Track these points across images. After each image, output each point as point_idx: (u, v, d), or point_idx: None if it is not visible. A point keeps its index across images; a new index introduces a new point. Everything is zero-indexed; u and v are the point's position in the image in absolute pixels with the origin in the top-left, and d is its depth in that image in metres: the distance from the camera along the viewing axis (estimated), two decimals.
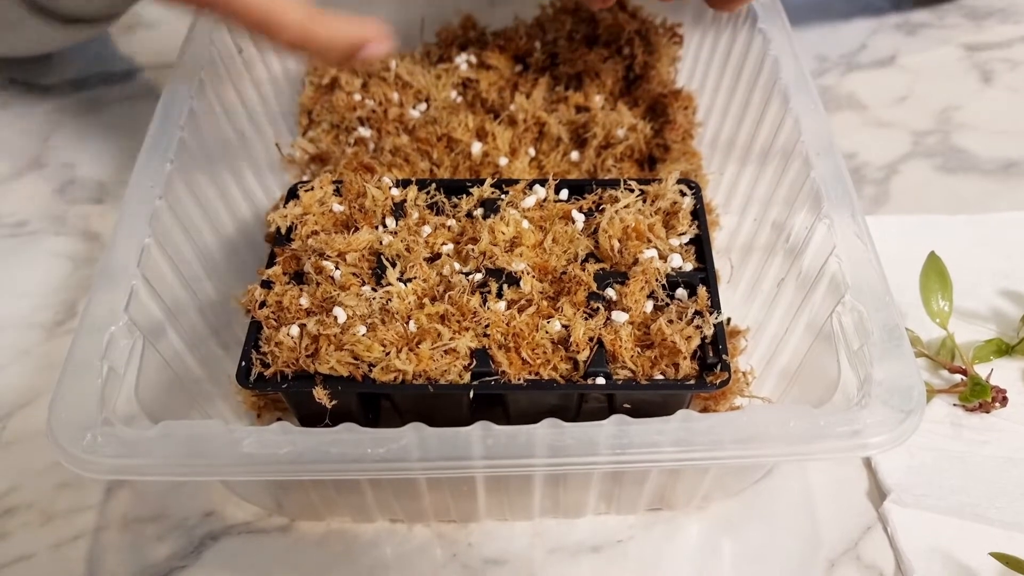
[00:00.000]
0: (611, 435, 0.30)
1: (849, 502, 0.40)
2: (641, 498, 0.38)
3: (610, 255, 0.38)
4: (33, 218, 0.55)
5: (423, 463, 0.30)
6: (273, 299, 0.36)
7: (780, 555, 0.39)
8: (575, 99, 0.50)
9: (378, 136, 0.50)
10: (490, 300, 0.36)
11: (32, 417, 0.45)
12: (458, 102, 0.51)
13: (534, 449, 0.30)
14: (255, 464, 0.30)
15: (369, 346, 0.34)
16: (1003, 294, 0.48)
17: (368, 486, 0.35)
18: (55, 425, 0.31)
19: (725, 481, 0.39)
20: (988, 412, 0.43)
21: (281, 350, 0.34)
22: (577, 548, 0.39)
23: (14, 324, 0.49)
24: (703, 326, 0.35)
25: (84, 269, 0.51)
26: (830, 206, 0.38)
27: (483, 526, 0.40)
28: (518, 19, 0.55)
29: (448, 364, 0.34)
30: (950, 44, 0.65)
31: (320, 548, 0.39)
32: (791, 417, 0.30)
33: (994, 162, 0.56)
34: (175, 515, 0.41)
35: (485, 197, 0.40)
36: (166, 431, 0.31)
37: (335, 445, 0.30)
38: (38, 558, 0.40)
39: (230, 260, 0.45)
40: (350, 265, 0.37)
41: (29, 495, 0.42)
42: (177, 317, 0.39)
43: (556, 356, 0.35)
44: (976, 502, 0.39)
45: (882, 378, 0.31)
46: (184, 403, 0.39)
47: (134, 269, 0.36)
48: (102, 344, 0.33)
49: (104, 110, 0.62)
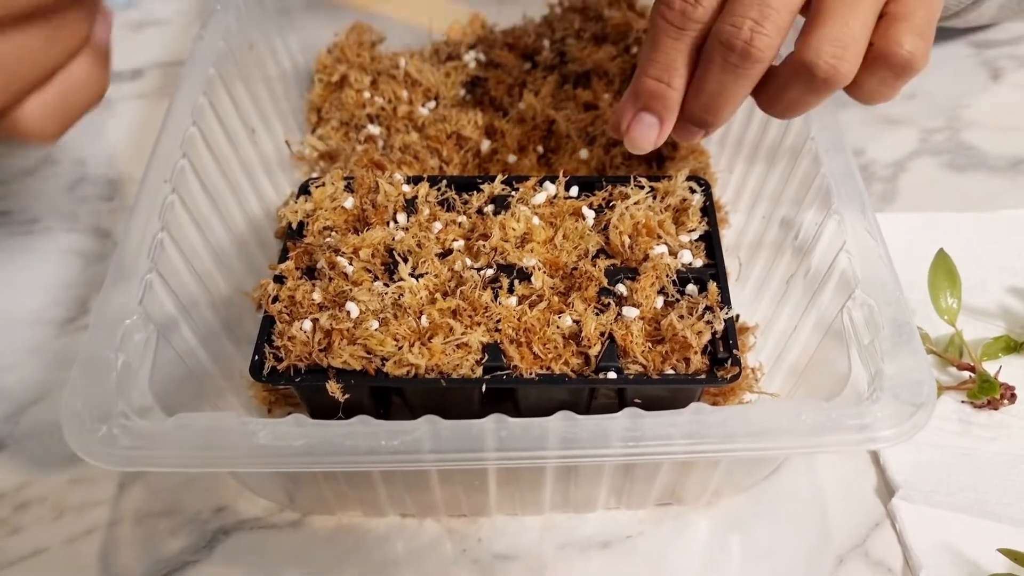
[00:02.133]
0: (624, 427, 0.30)
1: (857, 498, 0.40)
2: (651, 493, 0.38)
3: (621, 251, 0.38)
4: (44, 215, 0.55)
5: (437, 455, 0.30)
6: (286, 294, 0.36)
7: (789, 551, 0.39)
8: (583, 97, 0.50)
9: (387, 134, 0.50)
10: (501, 295, 0.36)
11: (44, 413, 0.45)
12: (467, 100, 0.52)
13: (547, 441, 0.30)
14: (270, 456, 0.30)
15: (382, 340, 0.34)
16: (1012, 291, 0.48)
17: (380, 479, 0.36)
18: (70, 417, 0.31)
19: (735, 476, 0.39)
20: (996, 409, 0.43)
21: (294, 344, 0.34)
22: (587, 543, 0.39)
23: (26, 320, 0.49)
24: (714, 321, 0.35)
25: (95, 266, 0.52)
26: (840, 202, 0.38)
27: (493, 521, 0.40)
28: (526, 17, 0.56)
29: (460, 358, 0.34)
30: (959, 41, 0.65)
31: (331, 543, 0.40)
32: (803, 410, 0.30)
33: (1003, 159, 0.56)
34: (187, 510, 0.41)
35: (496, 194, 0.40)
36: (181, 423, 0.31)
37: (349, 437, 0.30)
38: (51, 552, 0.40)
39: (240, 255, 0.45)
40: (363, 260, 0.37)
41: (42, 490, 0.42)
42: (189, 311, 0.39)
43: (567, 351, 0.35)
44: (984, 498, 0.39)
45: (892, 373, 0.32)
46: (196, 397, 0.39)
47: (147, 263, 0.36)
48: (117, 337, 0.33)
49: (114, 107, 0.62)
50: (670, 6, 0.35)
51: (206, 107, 0.44)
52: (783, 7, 0.33)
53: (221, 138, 0.46)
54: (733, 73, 0.34)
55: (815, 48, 0.33)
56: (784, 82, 0.35)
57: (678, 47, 0.35)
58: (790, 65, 0.34)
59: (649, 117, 0.37)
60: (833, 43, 0.33)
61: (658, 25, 0.35)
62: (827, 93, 0.35)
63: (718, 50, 0.34)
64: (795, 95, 0.35)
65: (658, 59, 0.36)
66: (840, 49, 0.33)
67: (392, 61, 0.53)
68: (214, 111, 0.45)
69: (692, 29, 0.35)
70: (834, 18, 0.33)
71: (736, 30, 0.33)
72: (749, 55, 0.33)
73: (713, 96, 0.35)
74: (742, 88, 0.35)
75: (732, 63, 0.34)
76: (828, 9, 0.33)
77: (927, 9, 0.34)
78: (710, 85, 0.35)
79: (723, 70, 0.34)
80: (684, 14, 0.34)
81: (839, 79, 0.33)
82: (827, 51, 0.33)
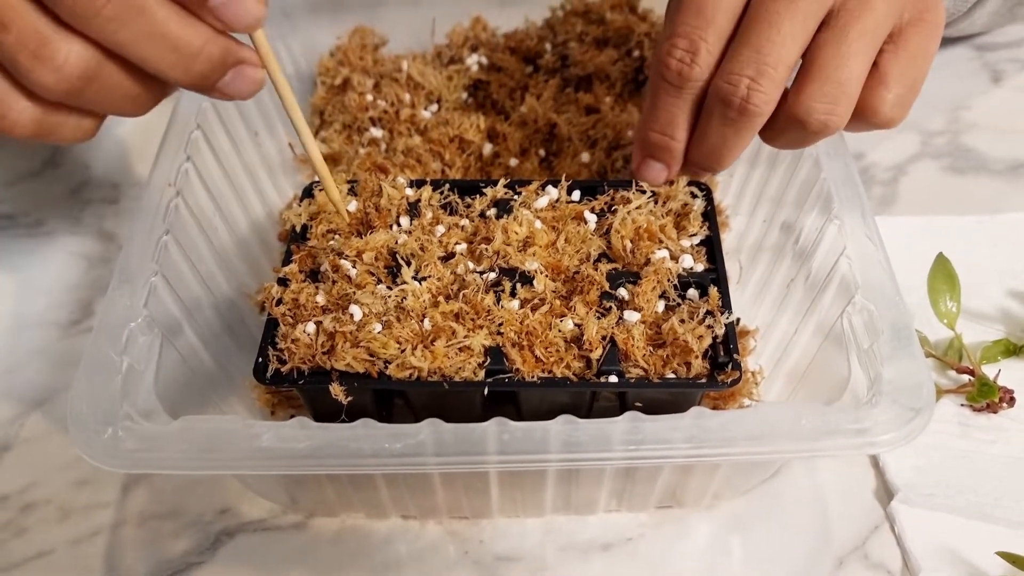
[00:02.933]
0: (625, 431, 0.30)
1: (857, 501, 0.41)
2: (652, 495, 0.38)
3: (622, 255, 0.38)
4: (49, 218, 0.55)
5: (439, 458, 0.30)
6: (289, 296, 0.37)
7: (788, 554, 0.39)
8: (585, 100, 0.50)
9: (390, 137, 0.50)
10: (504, 299, 0.36)
11: (49, 415, 0.45)
12: (469, 103, 0.52)
13: (549, 445, 0.30)
14: (274, 458, 0.30)
15: (385, 343, 0.34)
16: (1011, 295, 0.48)
17: (383, 482, 0.36)
18: (76, 420, 0.31)
19: (735, 479, 0.39)
20: (995, 412, 0.43)
21: (298, 347, 0.35)
22: (588, 546, 0.39)
23: (30, 323, 0.49)
24: (714, 325, 0.35)
25: (99, 268, 0.52)
26: (840, 207, 0.39)
27: (495, 523, 0.40)
28: (528, 20, 0.56)
29: (463, 361, 0.34)
30: (960, 44, 0.65)
31: (334, 545, 0.40)
32: (802, 414, 0.31)
33: (1003, 162, 0.56)
34: (191, 512, 0.41)
35: (498, 197, 0.41)
36: (186, 426, 0.31)
37: (352, 440, 0.30)
38: (56, 554, 0.40)
39: (243, 257, 0.46)
40: (366, 264, 0.37)
41: (47, 492, 0.42)
42: (193, 314, 0.39)
43: (569, 354, 0.35)
44: (983, 501, 0.40)
45: (892, 377, 0.32)
46: (199, 399, 0.39)
47: (152, 265, 0.36)
48: (122, 340, 0.34)
49: None
50: (668, 66, 0.35)
51: (209, 110, 0.45)
52: (779, 63, 0.33)
53: (224, 141, 0.46)
54: (733, 127, 0.35)
55: (806, 106, 0.34)
56: (781, 128, 0.36)
57: (678, 103, 0.36)
58: (784, 116, 0.35)
59: (657, 164, 0.38)
60: (824, 99, 0.34)
61: (658, 82, 0.36)
62: (824, 137, 0.36)
63: (717, 106, 0.34)
64: (793, 139, 0.36)
65: (659, 115, 0.36)
66: (831, 105, 0.34)
67: (395, 64, 0.53)
68: (217, 114, 0.46)
69: (690, 87, 0.35)
70: (826, 72, 0.33)
71: (733, 88, 0.33)
72: (747, 111, 0.34)
73: (715, 147, 0.36)
74: (743, 140, 0.36)
75: (731, 118, 0.34)
76: (821, 64, 0.34)
77: (916, 71, 0.35)
78: (711, 138, 0.36)
79: (723, 124, 0.35)
80: (681, 74, 0.35)
81: (831, 131, 0.35)
82: (818, 108, 0.34)
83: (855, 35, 0.33)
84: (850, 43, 0.33)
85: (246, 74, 0.31)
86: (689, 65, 0.34)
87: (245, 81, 0.31)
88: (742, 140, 0.36)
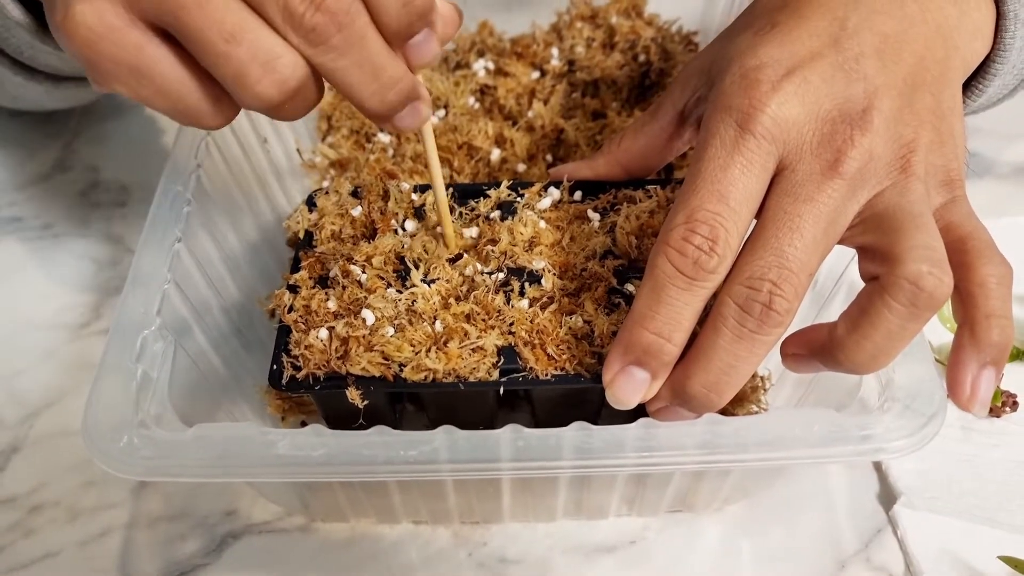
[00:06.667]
0: (638, 437, 0.30)
1: (860, 505, 0.41)
2: (663, 500, 0.39)
3: (628, 251, 0.38)
4: (58, 221, 0.55)
5: (453, 465, 0.30)
6: (301, 303, 0.37)
7: (792, 557, 0.39)
8: (592, 105, 0.50)
9: (398, 142, 0.50)
10: (513, 298, 0.36)
11: (58, 416, 0.46)
12: (476, 108, 0.52)
13: (563, 451, 0.30)
14: (289, 466, 0.30)
15: (399, 346, 0.34)
16: (1016, 299, 0.48)
17: (396, 488, 0.36)
18: (91, 427, 0.31)
19: (743, 484, 0.39)
20: (998, 416, 0.43)
21: (312, 353, 0.35)
22: (594, 548, 0.40)
23: (39, 325, 0.49)
24: None
25: (108, 271, 0.52)
26: None
27: (505, 528, 0.40)
28: (535, 25, 0.56)
29: (477, 362, 0.34)
30: None
31: (339, 547, 0.40)
32: (814, 420, 0.31)
33: (1008, 166, 0.56)
34: (197, 513, 0.41)
35: (502, 200, 0.41)
36: (201, 433, 0.31)
37: (367, 447, 0.30)
38: (65, 555, 0.41)
39: (252, 262, 0.46)
40: (376, 268, 0.37)
41: (56, 493, 0.43)
42: (203, 319, 0.39)
43: (580, 351, 0.35)
44: (986, 505, 0.40)
45: (903, 383, 0.32)
46: (210, 404, 0.39)
47: (165, 272, 0.37)
48: (135, 347, 0.34)
49: (127, 114, 0.62)
50: (682, 252, 0.29)
51: None
52: (801, 270, 0.29)
53: (234, 147, 0.46)
54: (749, 341, 0.29)
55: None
56: None
57: (686, 300, 0.30)
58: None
59: (641, 373, 0.31)
60: None
61: (664, 272, 0.30)
62: None
63: (733, 314, 0.29)
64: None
65: (660, 312, 0.30)
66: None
67: None
68: None
69: (705, 282, 0.30)
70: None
71: (755, 292, 0.29)
72: (768, 319, 0.29)
73: (723, 371, 0.30)
74: (755, 358, 0.30)
75: (749, 329, 0.29)
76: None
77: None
78: (720, 358, 0.30)
79: (737, 338, 0.29)
80: (698, 263, 0.29)
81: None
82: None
83: None
84: None
85: (419, 110, 0.31)
86: (708, 254, 0.29)
87: (416, 117, 0.31)
88: (754, 358, 0.30)
